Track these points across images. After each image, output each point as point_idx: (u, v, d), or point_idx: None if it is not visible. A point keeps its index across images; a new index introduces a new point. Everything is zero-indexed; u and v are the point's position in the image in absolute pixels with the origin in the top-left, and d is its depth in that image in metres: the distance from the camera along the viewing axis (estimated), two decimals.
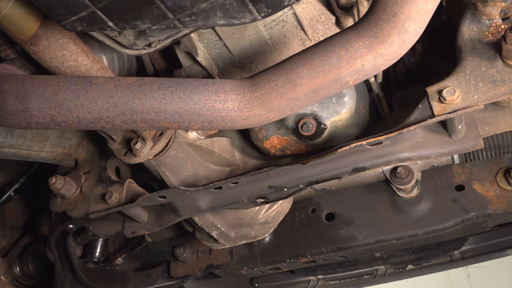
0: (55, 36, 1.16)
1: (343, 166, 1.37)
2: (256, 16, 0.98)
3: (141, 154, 1.31)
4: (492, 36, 1.10)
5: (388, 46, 0.92)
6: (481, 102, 1.07)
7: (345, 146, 1.24)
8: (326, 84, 1.00)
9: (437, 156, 1.31)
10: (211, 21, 1.00)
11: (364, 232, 1.52)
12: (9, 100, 1.06)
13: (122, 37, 1.23)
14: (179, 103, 1.04)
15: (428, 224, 1.44)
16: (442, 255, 2.06)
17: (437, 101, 1.10)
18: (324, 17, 1.33)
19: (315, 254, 1.57)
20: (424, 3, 0.86)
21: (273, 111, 1.05)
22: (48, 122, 1.07)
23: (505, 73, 1.06)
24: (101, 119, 1.07)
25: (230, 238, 1.60)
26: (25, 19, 1.10)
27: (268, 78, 1.04)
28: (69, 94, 1.05)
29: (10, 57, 1.25)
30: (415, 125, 1.15)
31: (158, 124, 1.08)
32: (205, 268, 1.74)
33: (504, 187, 1.41)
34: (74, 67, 1.21)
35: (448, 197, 1.46)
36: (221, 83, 1.06)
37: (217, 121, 1.06)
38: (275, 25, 1.32)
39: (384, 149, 1.33)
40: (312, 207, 1.64)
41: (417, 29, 0.90)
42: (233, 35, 1.34)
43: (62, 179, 1.52)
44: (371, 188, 1.56)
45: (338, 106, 1.36)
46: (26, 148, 1.56)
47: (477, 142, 1.26)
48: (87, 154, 1.72)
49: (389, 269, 2.16)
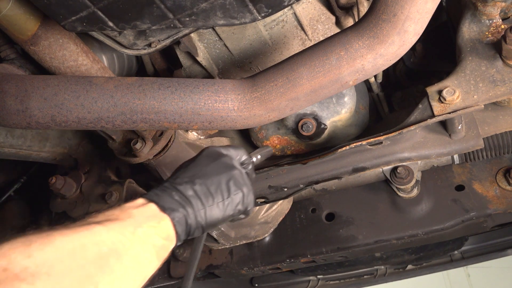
0: (55, 36, 1.16)
1: (343, 166, 1.37)
2: (256, 16, 0.98)
3: (141, 154, 1.31)
4: (492, 36, 1.10)
5: (388, 46, 0.92)
6: (481, 102, 1.07)
7: (345, 146, 1.24)
8: (326, 84, 1.00)
9: (437, 156, 1.31)
10: (211, 21, 1.00)
11: (364, 232, 1.52)
12: (9, 100, 1.06)
13: (122, 37, 1.23)
14: (179, 103, 1.04)
15: (428, 224, 1.44)
16: (442, 255, 2.06)
17: (437, 101, 1.10)
18: (324, 17, 1.33)
19: (315, 254, 1.56)
20: (424, 3, 0.86)
21: (273, 111, 1.05)
22: (48, 122, 1.07)
23: (505, 73, 1.06)
24: (101, 119, 1.07)
25: (230, 238, 1.60)
26: (25, 19, 1.10)
27: (268, 78, 1.04)
28: (69, 94, 1.05)
29: (10, 57, 1.25)
30: (415, 125, 1.15)
31: (158, 124, 1.08)
32: (205, 268, 1.74)
33: (504, 187, 1.41)
34: (74, 67, 1.21)
35: (448, 197, 1.45)
36: (221, 83, 1.06)
37: (217, 121, 1.06)
38: (275, 25, 1.32)
39: (384, 149, 1.33)
40: (312, 207, 1.64)
41: (417, 29, 0.90)
42: (233, 35, 1.34)
43: (62, 179, 1.52)
44: (371, 188, 1.55)
45: (338, 106, 1.36)
46: (26, 148, 1.56)
47: (477, 142, 1.26)
48: (87, 154, 1.72)
49: (389, 269, 2.16)
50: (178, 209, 0.82)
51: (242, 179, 0.93)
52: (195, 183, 0.87)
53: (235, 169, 0.93)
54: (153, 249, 0.73)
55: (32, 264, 0.54)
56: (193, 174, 0.90)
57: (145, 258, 0.71)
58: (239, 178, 0.92)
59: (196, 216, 0.84)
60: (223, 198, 0.88)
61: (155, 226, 0.76)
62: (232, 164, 0.94)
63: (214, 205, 0.87)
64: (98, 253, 0.62)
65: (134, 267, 0.67)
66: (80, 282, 0.57)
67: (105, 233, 0.66)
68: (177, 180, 0.88)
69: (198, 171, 0.90)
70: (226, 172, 0.91)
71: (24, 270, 0.52)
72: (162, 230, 0.78)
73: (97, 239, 0.64)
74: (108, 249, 0.64)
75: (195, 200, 0.85)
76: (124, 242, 0.68)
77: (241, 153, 1.02)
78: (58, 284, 0.54)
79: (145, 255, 0.71)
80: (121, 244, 0.67)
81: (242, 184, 0.92)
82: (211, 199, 0.87)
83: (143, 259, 0.70)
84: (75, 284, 0.56)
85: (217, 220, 0.88)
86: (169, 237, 0.80)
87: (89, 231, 0.65)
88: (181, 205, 0.83)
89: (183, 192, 0.85)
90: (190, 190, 0.86)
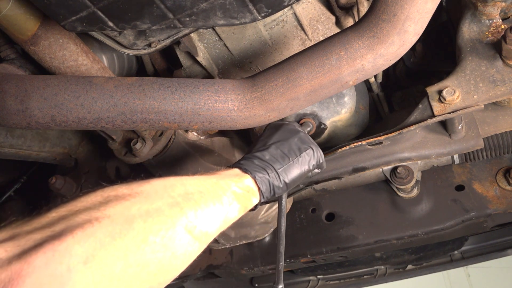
0: (55, 36, 1.16)
1: (343, 166, 1.37)
2: (256, 16, 0.98)
3: (141, 154, 1.31)
4: (492, 36, 1.10)
5: (388, 46, 0.92)
6: (481, 102, 1.07)
7: (345, 146, 1.24)
8: (326, 84, 1.00)
9: (437, 156, 1.31)
10: (211, 21, 1.00)
11: (364, 232, 1.52)
12: (9, 100, 1.06)
13: (122, 37, 1.23)
14: (179, 103, 1.04)
15: (428, 224, 1.44)
16: (442, 255, 2.06)
17: (437, 101, 1.10)
18: (324, 17, 1.33)
19: (315, 254, 1.57)
20: (424, 3, 0.86)
21: (273, 111, 1.05)
22: (48, 122, 1.07)
23: (505, 73, 1.06)
24: (101, 119, 1.07)
25: (230, 238, 1.60)
26: (25, 19, 1.10)
27: (268, 78, 1.04)
28: (69, 94, 1.05)
29: (10, 57, 1.25)
30: (415, 125, 1.15)
31: (158, 124, 1.08)
32: (205, 268, 1.74)
33: (504, 187, 1.41)
34: (74, 67, 1.21)
35: (448, 197, 1.45)
36: (221, 83, 1.06)
37: (217, 121, 1.06)
38: (275, 25, 1.32)
39: (384, 149, 1.33)
40: (312, 207, 1.64)
41: (417, 29, 0.90)
42: (233, 35, 1.34)
43: (62, 179, 1.52)
44: (371, 188, 1.55)
45: (338, 106, 1.36)
46: (26, 148, 1.56)
47: (477, 142, 1.26)
48: (87, 154, 1.72)
49: (389, 269, 2.15)
50: (260, 171, 0.94)
51: (308, 138, 1.06)
52: (270, 148, 1.00)
53: (299, 132, 1.07)
54: (233, 195, 0.85)
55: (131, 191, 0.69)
56: (265, 142, 1.03)
57: (225, 199, 0.82)
58: (305, 138, 1.06)
59: (277, 175, 0.95)
60: (297, 156, 1.00)
61: (236, 181, 0.89)
62: (296, 129, 1.08)
63: (291, 162, 0.99)
64: (184, 190, 0.75)
65: (215, 204, 0.79)
66: (170, 205, 0.70)
67: (191, 180, 0.80)
68: (253, 150, 1.01)
69: (269, 140, 1.03)
70: (293, 135, 1.05)
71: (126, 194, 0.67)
72: (243, 184, 0.90)
73: (185, 182, 0.78)
74: (193, 189, 0.77)
75: (274, 162, 0.97)
76: (208, 186, 0.81)
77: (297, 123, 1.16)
78: (152, 204, 0.68)
79: (226, 198, 0.82)
80: (204, 187, 0.80)
81: (309, 142, 1.05)
82: (287, 158, 0.99)
83: (224, 199, 0.82)
84: (165, 207, 0.69)
85: (296, 176, 0.99)
86: (251, 190, 0.91)
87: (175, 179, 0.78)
88: (262, 167, 0.95)
89: (262, 158, 0.97)
90: (268, 154, 0.98)
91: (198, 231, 0.72)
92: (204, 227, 0.74)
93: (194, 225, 0.72)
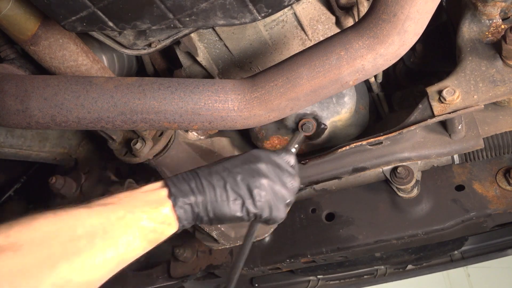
0: (55, 36, 1.16)
1: (343, 166, 1.37)
2: (256, 16, 0.98)
3: (141, 154, 1.31)
4: (492, 36, 1.10)
5: (388, 46, 0.92)
6: (481, 102, 1.07)
7: (345, 146, 1.24)
8: (326, 84, 1.00)
9: (437, 156, 1.31)
10: (211, 21, 1.00)
11: (364, 232, 1.51)
12: (9, 100, 1.06)
13: (122, 37, 1.23)
14: (179, 103, 1.04)
15: (428, 224, 1.44)
16: (442, 255, 2.05)
17: (437, 101, 1.10)
18: (324, 17, 1.33)
19: (315, 254, 1.56)
20: (424, 3, 0.86)
21: (273, 111, 1.05)
22: (48, 122, 1.07)
23: (505, 73, 1.06)
24: (101, 119, 1.07)
25: (230, 238, 1.60)
26: (25, 19, 1.10)
27: (268, 78, 1.04)
28: (69, 94, 1.05)
29: (10, 57, 1.25)
30: (415, 125, 1.15)
31: (158, 124, 1.08)
32: (205, 268, 1.74)
33: (504, 187, 1.41)
34: (74, 67, 1.21)
35: (448, 197, 1.45)
36: (221, 83, 1.06)
37: (217, 121, 1.06)
38: (275, 25, 1.32)
39: (384, 149, 1.33)
40: (312, 207, 1.63)
41: (417, 29, 0.90)
42: (233, 35, 1.34)
43: (62, 179, 1.52)
44: (371, 188, 1.55)
45: (338, 106, 1.36)
46: (26, 148, 1.57)
47: (477, 142, 1.26)
48: (87, 154, 1.73)
49: (389, 269, 2.15)
50: (188, 196, 0.85)
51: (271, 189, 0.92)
52: (216, 175, 0.90)
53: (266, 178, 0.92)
54: (138, 232, 0.77)
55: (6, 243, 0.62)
56: (220, 168, 0.92)
57: (125, 241, 0.74)
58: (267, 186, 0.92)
59: (206, 205, 0.86)
60: (236, 198, 0.89)
61: (149, 212, 0.80)
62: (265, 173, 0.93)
63: (227, 201, 0.88)
64: (70, 236, 0.68)
65: (109, 249, 0.72)
66: (41, 261, 0.63)
67: (87, 217, 0.72)
68: (202, 169, 0.92)
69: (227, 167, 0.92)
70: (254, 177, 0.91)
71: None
72: (159, 215, 0.81)
73: (75, 223, 0.70)
74: (84, 232, 0.70)
75: (210, 190, 0.87)
76: (106, 225, 0.73)
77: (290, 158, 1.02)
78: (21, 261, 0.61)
79: (126, 238, 0.75)
80: (101, 227, 0.72)
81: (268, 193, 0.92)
82: (225, 195, 0.88)
83: (123, 241, 0.74)
84: (35, 262, 0.63)
85: (225, 216, 0.89)
86: (167, 221, 0.83)
87: (70, 215, 0.71)
88: (193, 192, 0.86)
89: (202, 181, 0.88)
90: (208, 180, 0.88)
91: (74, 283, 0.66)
92: (84, 276, 0.68)
93: (68, 279, 0.65)
